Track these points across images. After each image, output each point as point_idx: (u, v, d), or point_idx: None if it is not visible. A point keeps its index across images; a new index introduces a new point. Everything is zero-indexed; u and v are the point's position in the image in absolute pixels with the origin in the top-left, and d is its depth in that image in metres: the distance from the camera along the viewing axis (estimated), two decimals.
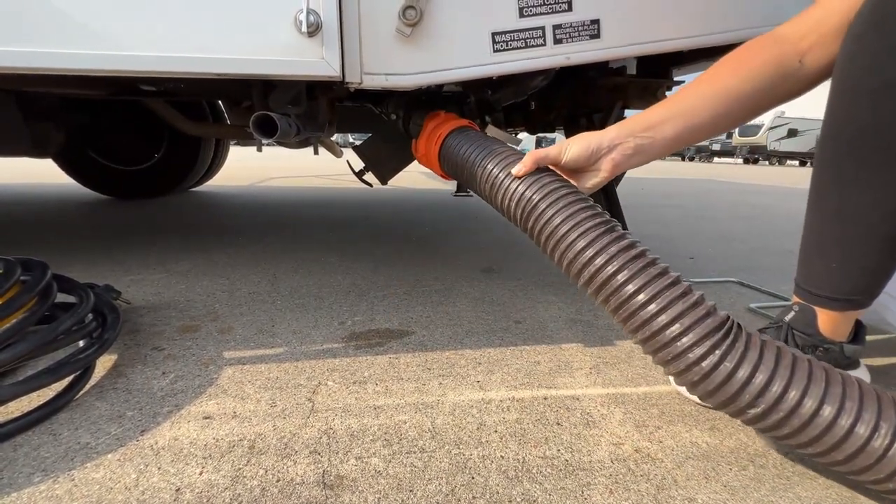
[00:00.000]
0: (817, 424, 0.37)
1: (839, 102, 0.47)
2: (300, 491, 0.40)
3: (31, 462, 0.43)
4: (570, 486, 0.42)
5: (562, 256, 0.48)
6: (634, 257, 0.45)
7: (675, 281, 0.43)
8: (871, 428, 0.36)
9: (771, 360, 0.39)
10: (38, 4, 0.54)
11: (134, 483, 0.41)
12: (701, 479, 0.44)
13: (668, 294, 0.42)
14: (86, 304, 0.61)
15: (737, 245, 1.63)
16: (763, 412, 0.38)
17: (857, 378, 0.40)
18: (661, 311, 0.42)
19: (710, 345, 0.40)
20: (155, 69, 0.57)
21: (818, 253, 0.54)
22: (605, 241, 0.46)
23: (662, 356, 0.42)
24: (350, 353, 0.68)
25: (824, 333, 0.55)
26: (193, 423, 0.50)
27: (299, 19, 0.57)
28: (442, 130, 0.65)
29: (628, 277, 0.44)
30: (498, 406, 0.55)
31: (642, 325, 0.43)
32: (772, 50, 0.51)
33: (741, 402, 0.39)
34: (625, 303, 0.44)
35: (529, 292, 0.99)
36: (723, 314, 0.43)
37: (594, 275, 0.46)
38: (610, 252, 0.45)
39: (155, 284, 0.96)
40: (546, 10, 0.64)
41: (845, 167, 0.48)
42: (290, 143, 1.13)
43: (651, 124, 0.52)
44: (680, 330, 0.41)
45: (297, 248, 1.32)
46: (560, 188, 0.51)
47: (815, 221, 0.53)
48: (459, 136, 0.63)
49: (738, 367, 0.39)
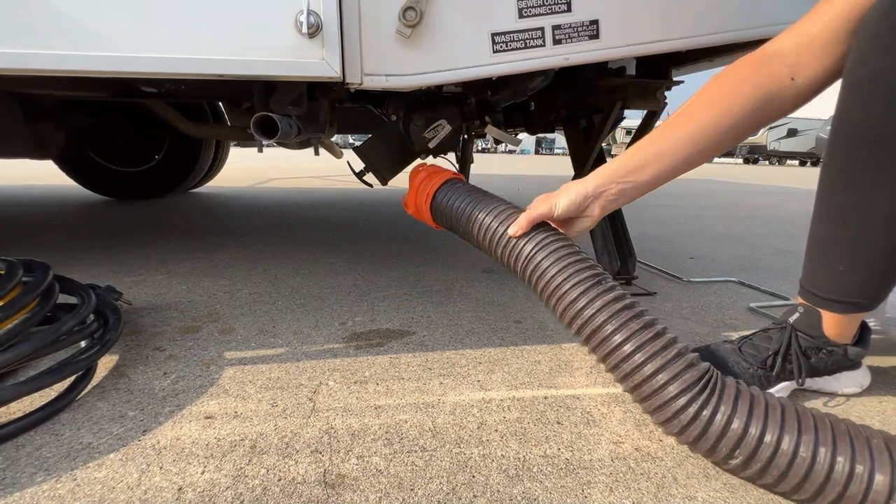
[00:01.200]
0: (796, 473, 0.38)
1: (850, 105, 0.47)
2: (301, 490, 0.41)
3: (34, 462, 0.43)
4: (571, 485, 0.42)
5: (561, 309, 0.52)
6: (622, 311, 0.48)
7: (659, 332, 0.47)
8: (847, 471, 0.37)
9: (745, 409, 0.41)
10: (41, 7, 0.54)
11: (136, 482, 0.41)
12: (701, 477, 0.44)
13: (653, 345, 0.45)
14: (87, 305, 0.61)
15: (737, 245, 1.63)
16: (743, 462, 0.40)
17: (830, 416, 0.41)
18: (646, 361, 0.45)
19: (693, 394, 0.43)
20: (157, 70, 0.57)
21: (824, 256, 0.53)
22: (594, 293, 0.49)
23: (648, 404, 0.46)
24: (351, 353, 0.68)
25: (829, 335, 0.55)
26: (195, 422, 0.50)
27: (300, 20, 0.57)
28: (429, 189, 0.67)
29: (616, 329, 0.47)
30: (498, 405, 0.55)
31: (629, 373, 0.46)
32: (761, 72, 0.50)
33: (720, 450, 0.41)
34: (612, 352, 0.47)
35: (529, 292, 0.99)
36: (704, 366, 0.46)
37: (584, 325, 0.49)
38: (596, 305, 0.49)
39: (156, 285, 0.96)
40: (545, 10, 0.64)
41: (854, 170, 0.48)
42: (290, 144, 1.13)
43: (630, 170, 0.54)
44: (666, 379, 0.44)
45: (297, 249, 1.32)
46: (553, 242, 0.54)
47: (821, 224, 0.53)
48: (449, 191, 0.65)
49: (715, 415, 0.41)
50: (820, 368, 0.56)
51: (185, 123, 1.68)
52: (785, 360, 0.55)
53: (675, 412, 0.43)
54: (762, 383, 0.55)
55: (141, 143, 2.24)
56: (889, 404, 0.58)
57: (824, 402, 0.58)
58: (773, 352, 0.56)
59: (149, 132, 2.20)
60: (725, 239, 1.74)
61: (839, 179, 0.50)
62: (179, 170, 2.36)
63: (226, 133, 1.92)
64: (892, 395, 0.60)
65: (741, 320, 0.88)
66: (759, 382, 0.55)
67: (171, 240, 1.40)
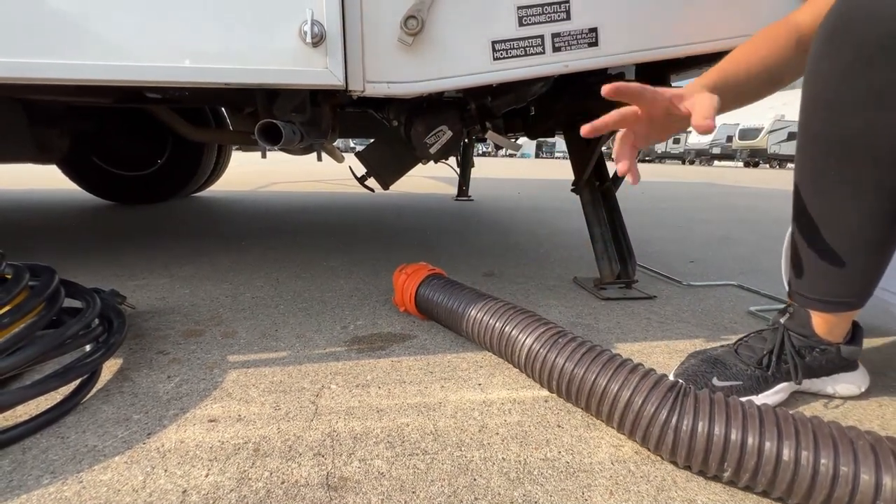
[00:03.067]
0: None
1: (809, 117, 0.49)
2: (304, 493, 0.41)
3: (40, 464, 0.43)
4: (571, 488, 0.43)
5: (545, 376, 0.56)
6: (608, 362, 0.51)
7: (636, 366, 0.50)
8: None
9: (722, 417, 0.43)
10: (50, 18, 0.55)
11: (141, 485, 0.41)
12: (701, 480, 0.44)
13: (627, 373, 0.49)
14: (92, 309, 0.62)
15: (736, 248, 1.63)
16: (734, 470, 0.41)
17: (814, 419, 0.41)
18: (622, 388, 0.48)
19: (669, 407, 0.44)
20: (164, 79, 0.58)
21: (805, 258, 0.54)
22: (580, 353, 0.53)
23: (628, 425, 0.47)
24: (353, 356, 0.68)
25: (820, 334, 0.56)
26: (199, 426, 0.50)
27: (304, 30, 0.58)
28: (410, 290, 0.79)
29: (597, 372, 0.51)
30: (499, 408, 0.56)
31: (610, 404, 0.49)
32: (790, 34, 0.52)
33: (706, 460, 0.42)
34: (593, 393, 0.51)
35: (530, 296, 0.99)
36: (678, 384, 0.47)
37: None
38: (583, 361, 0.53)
39: (160, 289, 0.97)
40: (545, 18, 0.65)
41: (821, 176, 0.50)
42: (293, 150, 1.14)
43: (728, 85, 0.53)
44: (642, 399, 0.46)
45: (300, 253, 1.33)
46: (521, 316, 0.62)
47: (799, 228, 0.55)
48: (426, 289, 0.77)
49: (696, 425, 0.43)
50: (815, 368, 0.57)
51: (187, 128, 1.69)
52: (780, 360, 0.56)
53: (651, 425, 0.45)
54: (760, 384, 0.56)
55: (144, 148, 2.25)
56: (888, 408, 0.58)
57: (824, 404, 0.59)
58: (768, 351, 0.56)
59: (151, 136, 2.21)
60: (725, 242, 1.74)
61: (812, 185, 0.52)
62: (182, 174, 2.37)
63: (228, 137, 1.93)
64: (892, 399, 0.61)
65: (741, 324, 0.88)
66: (757, 383, 0.55)
67: (173, 244, 1.41)
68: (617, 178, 1.11)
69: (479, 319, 0.66)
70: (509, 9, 0.65)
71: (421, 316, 0.81)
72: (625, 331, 0.82)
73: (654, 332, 0.82)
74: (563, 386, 0.53)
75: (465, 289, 0.73)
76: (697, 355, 0.60)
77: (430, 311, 0.77)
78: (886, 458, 0.36)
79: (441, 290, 0.75)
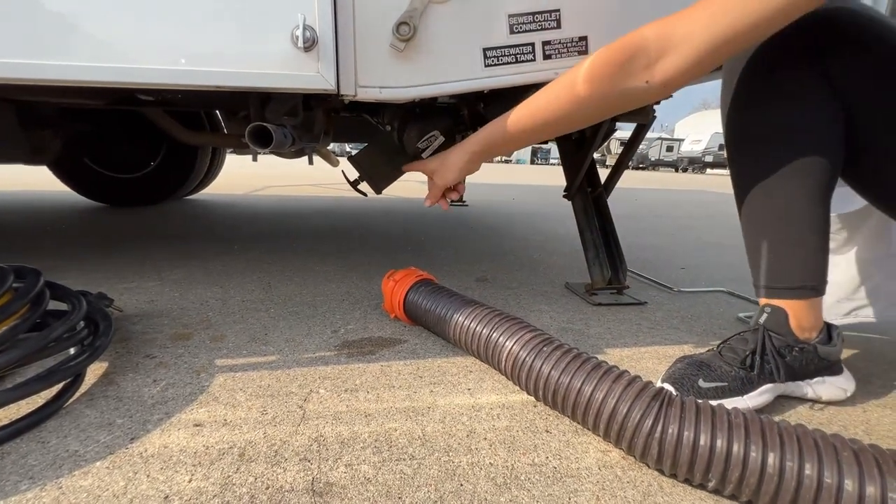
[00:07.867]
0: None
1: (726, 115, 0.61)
2: (289, 498, 0.41)
3: (19, 470, 0.43)
4: (558, 493, 0.43)
5: (523, 378, 0.57)
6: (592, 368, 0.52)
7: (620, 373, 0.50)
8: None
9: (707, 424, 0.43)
10: (43, 18, 0.55)
11: (122, 491, 0.41)
12: (687, 486, 0.45)
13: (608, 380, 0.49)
14: (78, 312, 0.61)
15: (727, 255, 1.65)
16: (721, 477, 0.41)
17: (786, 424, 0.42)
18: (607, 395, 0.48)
19: (654, 414, 0.45)
20: (157, 82, 0.58)
21: (762, 251, 0.58)
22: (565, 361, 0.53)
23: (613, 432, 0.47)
24: (342, 361, 0.68)
25: (795, 331, 0.57)
26: (184, 430, 0.50)
27: (296, 35, 0.58)
28: (399, 297, 0.79)
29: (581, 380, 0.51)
30: (488, 413, 0.56)
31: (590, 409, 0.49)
32: (615, 78, 0.50)
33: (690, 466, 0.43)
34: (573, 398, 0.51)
35: (522, 301, 1.00)
36: (660, 388, 0.48)
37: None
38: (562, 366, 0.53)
39: (148, 292, 0.96)
40: (535, 27, 0.66)
41: (739, 170, 0.60)
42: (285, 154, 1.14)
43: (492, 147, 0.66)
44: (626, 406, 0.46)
45: (291, 257, 1.32)
46: (507, 323, 0.62)
47: (748, 224, 0.60)
48: (415, 295, 0.77)
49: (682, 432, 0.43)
50: (797, 369, 0.58)
51: (181, 131, 1.68)
52: (763, 360, 0.57)
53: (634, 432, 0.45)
54: (745, 385, 0.56)
55: (136, 150, 2.24)
56: (872, 413, 0.59)
57: (809, 407, 0.59)
58: (751, 351, 0.57)
59: (144, 139, 2.20)
60: (716, 249, 1.76)
61: (739, 180, 0.60)
62: (175, 177, 2.36)
63: (222, 141, 1.93)
64: (876, 405, 0.61)
65: (730, 329, 0.89)
66: (742, 384, 0.56)
67: (165, 247, 1.40)
68: (609, 184, 1.12)
69: (466, 326, 0.66)
70: (501, 17, 0.65)
71: (411, 322, 0.81)
72: (615, 336, 0.82)
73: (644, 338, 0.82)
74: (549, 395, 0.53)
75: (453, 295, 0.73)
76: (684, 359, 0.60)
77: (418, 317, 0.77)
78: (870, 467, 0.36)
79: (429, 297, 0.75)
